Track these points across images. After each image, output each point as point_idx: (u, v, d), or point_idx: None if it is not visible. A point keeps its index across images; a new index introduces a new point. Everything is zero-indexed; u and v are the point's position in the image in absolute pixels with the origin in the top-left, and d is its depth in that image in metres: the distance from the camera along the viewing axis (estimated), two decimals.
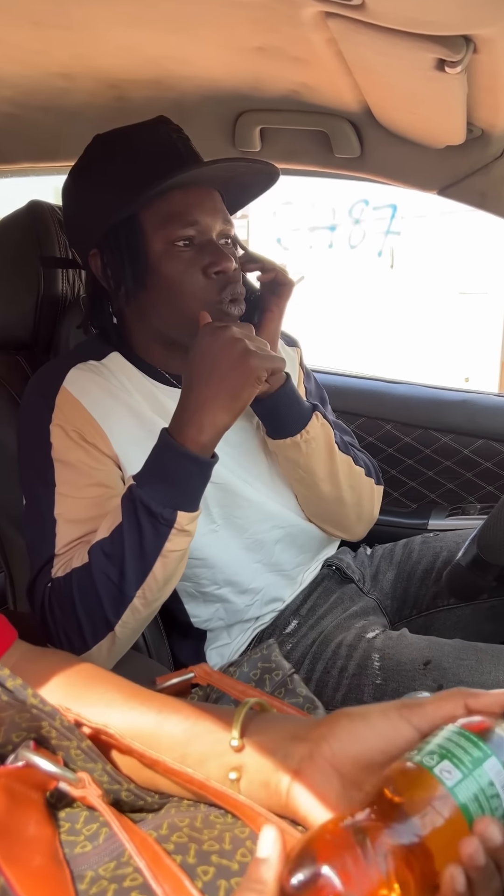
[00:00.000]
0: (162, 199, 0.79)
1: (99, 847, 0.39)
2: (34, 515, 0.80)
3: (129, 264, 0.80)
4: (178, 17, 0.77)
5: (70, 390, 0.82)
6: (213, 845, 0.38)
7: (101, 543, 0.73)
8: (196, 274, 0.80)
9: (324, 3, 0.62)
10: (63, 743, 0.42)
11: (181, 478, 0.72)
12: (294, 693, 0.56)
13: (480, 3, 0.54)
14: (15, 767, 0.40)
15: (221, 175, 0.82)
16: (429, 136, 0.97)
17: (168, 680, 0.55)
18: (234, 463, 0.91)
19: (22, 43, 0.88)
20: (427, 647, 0.86)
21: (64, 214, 0.89)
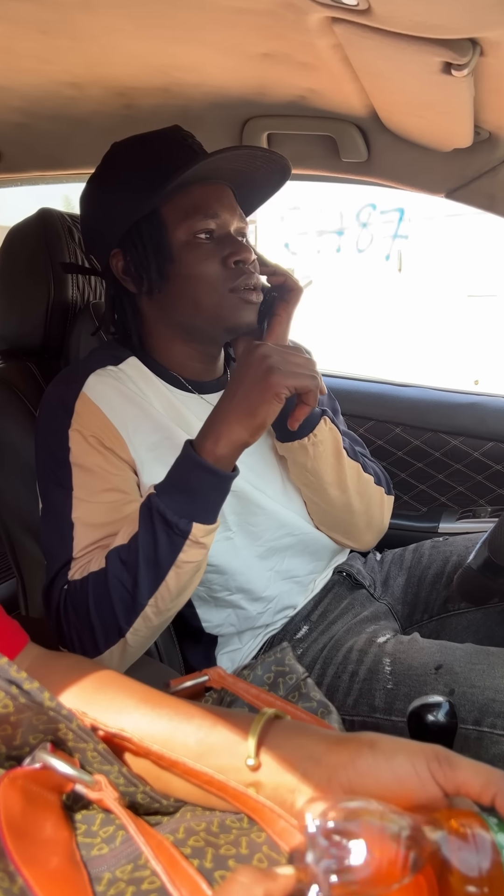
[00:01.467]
0: (182, 193, 0.82)
1: (116, 849, 0.39)
2: (51, 519, 0.80)
3: (154, 257, 0.83)
4: (184, 24, 0.77)
5: (89, 395, 0.83)
6: (230, 850, 0.38)
7: (118, 549, 0.73)
8: (215, 264, 0.82)
9: (330, 8, 0.62)
10: (80, 745, 0.42)
11: (198, 489, 0.72)
12: (308, 697, 0.56)
13: (486, 7, 0.54)
14: (32, 769, 0.40)
15: (238, 168, 0.85)
16: (436, 140, 0.97)
17: (181, 683, 0.55)
18: (248, 470, 0.91)
19: (31, 52, 0.89)
20: (438, 651, 0.86)
21: (83, 222, 0.91)
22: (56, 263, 1.00)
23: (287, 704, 0.51)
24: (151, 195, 0.80)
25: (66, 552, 0.77)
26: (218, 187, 0.85)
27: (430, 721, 0.64)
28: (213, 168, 0.82)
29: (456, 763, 0.37)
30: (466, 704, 0.78)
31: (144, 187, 0.81)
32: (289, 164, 0.88)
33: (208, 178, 0.83)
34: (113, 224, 0.85)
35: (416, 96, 0.81)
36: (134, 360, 0.89)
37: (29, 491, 0.98)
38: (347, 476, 0.93)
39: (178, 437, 0.86)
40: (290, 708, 0.51)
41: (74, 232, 1.03)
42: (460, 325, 4.57)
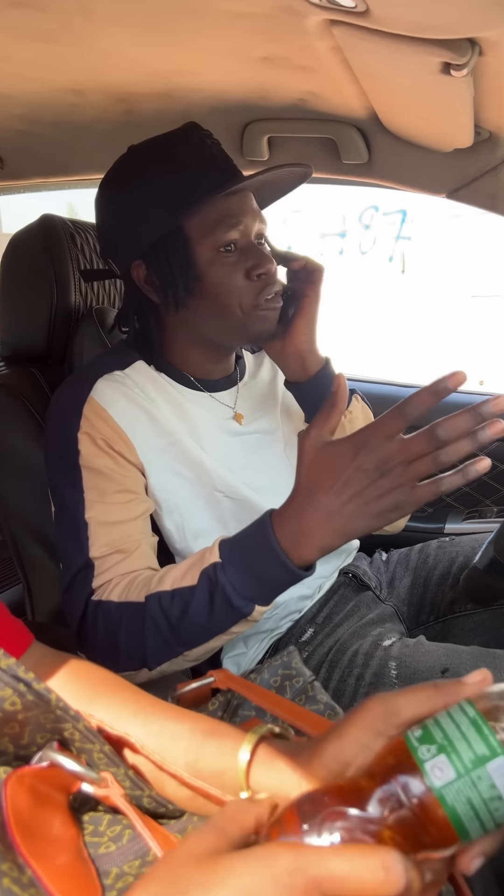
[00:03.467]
0: (205, 207, 0.81)
1: (123, 847, 0.39)
2: (65, 520, 0.80)
3: (180, 274, 0.82)
4: (183, 29, 0.77)
5: (98, 400, 0.83)
6: None
7: (159, 596, 0.71)
8: (239, 277, 0.82)
9: (328, 11, 0.62)
10: (86, 746, 0.42)
11: (271, 580, 0.68)
12: (314, 700, 0.56)
13: (484, 7, 0.54)
14: (39, 767, 0.40)
15: (262, 179, 0.84)
16: (436, 140, 0.97)
17: (188, 686, 0.55)
18: (254, 475, 0.92)
19: (31, 60, 0.90)
20: (444, 654, 0.85)
21: (100, 228, 0.90)
22: (59, 269, 1.01)
23: (294, 705, 0.51)
24: (178, 213, 0.79)
25: (83, 553, 0.77)
26: (239, 196, 0.84)
27: None
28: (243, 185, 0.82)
29: (396, 708, 0.37)
30: None
31: (169, 203, 0.80)
32: (310, 169, 0.88)
33: (232, 189, 0.82)
34: (135, 236, 0.84)
35: (416, 97, 0.81)
36: (141, 364, 0.89)
37: (34, 496, 0.98)
38: None
39: (184, 443, 0.86)
40: (298, 709, 0.50)
41: (77, 238, 1.04)
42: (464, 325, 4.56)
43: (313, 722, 0.48)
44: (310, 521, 0.64)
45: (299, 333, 0.89)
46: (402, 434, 0.59)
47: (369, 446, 0.60)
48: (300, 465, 0.65)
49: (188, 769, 0.43)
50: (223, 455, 0.89)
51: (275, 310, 0.85)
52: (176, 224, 0.81)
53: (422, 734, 0.34)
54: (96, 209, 0.90)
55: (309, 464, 0.64)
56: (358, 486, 0.61)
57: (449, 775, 0.32)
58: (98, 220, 0.90)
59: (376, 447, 0.59)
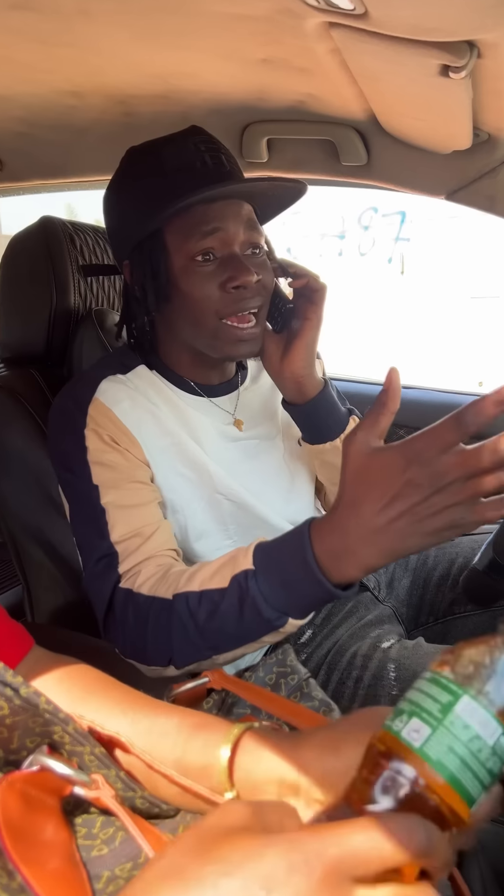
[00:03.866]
0: (184, 214, 0.79)
1: (115, 849, 0.39)
2: (81, 510, 0.79)
3: (152, 280, 0.81)
4: (182, 32, 0.78)
5: (102, 400, 0.83)
6: None
7: (187, 596, 0.68)
8: (212, 289, 0.79)
9: (326, 13, 0.62)
10: (77, 748, 0.42)
11: (306, 596, 0.63)
12: (310, 697, 0.56)
13: (483, 9, 0.54)
14: (30, 772, 0.40)
15: (245, 191, 0.82)
16: (435, 142, 0.97)
17: (184, 685, 0.55)
18: (256, 476, 0.92)
19: (31, 62, 0.90)
20: None
21: (105, 224, 0.91)
22: (58, 271, 1.01)
23: (288, 702, 0.51)
24: (152, 218, 0.79)
25: (105, 539, 0.76)
26: (223, 203, 0.80)
27: None
28: (219, 195, 0.79)
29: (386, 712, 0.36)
30: None
31: (149, 206, 0.79)
32: (303, 186, 0.85)
33: (214, 198, 0.79)
34: (123, 236, 0.85)
35: (415, 99, 0.81)
36: (142, 369, 0.89)
37: (34, 498, 0.98)
38: None
39: (185, 444, 0.86)
40: (292, 705, 0.50)
41: (76, 239, 1.04)
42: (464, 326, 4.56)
43: (308, 718, 0.48)
44: (353, 538, 0.58)
45: (297, 358, 0.86)
46: (461, 445, 0.53)
47: (422, 458, 0.53)
48: (344, 474, 0.59)
49: (176, 766, 0.43)
50: (223, 459, 0.89)
51: (243, 339, 0.81)
52: (151, 228, 0.80)
53: (393, 713, 0.35)
54: (103, 205, 0.91)
55: (354, 473, 0.58)
56: (409, 503, 0.54)
57: (424, 732, 0.32)
58: (104, 217, 0.91)
59: (430, 460, 0.53)
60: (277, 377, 0.90)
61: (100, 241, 1.08)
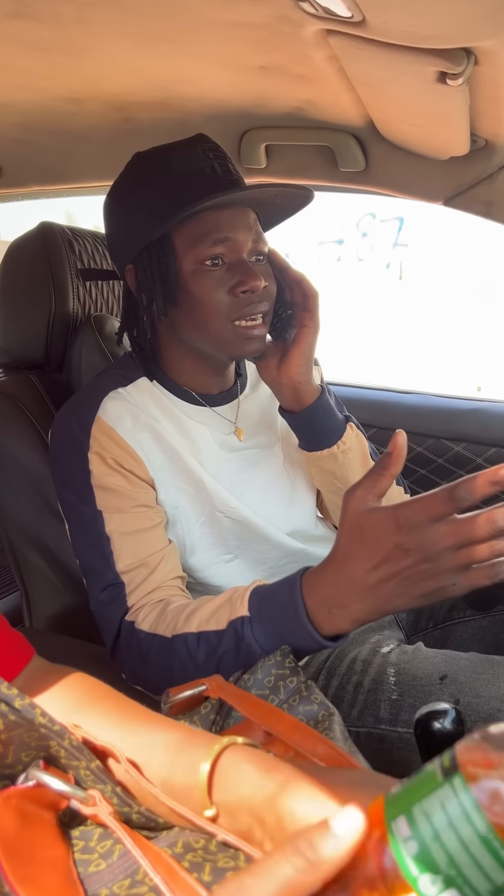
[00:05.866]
0: (194, 219, 0.80)
1: (113, 864, 0.38)
2: (85, 536, 0.80)
3: (161, 283, 0.82)
4: (181, 39, 0.78)
5: (105, 419, 0.83)
6: (229, 863, 0.38)
7: (186, 637, 0.70)
8: (222, 293, 0.80)
9: (324, 21, 0.63)
10: (72, 763, 0.42)
11: (298, 644, 0.65)
12: (308, 700, 0.55)
13: (480, 17, 0.54)
14: (26, 787, 0.40)
15: (254, 197, 0.83)
16: (433, 148, 0.97)
17: (181, 692, 0.55)
18: (254, 493, 0.92)
19: (30, 69, 0.90)
20: (443, 661, 0.85)
21: (105, 230, 0.91)
22: (57, 276, 1.01)
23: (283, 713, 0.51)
24: (162, 221, 0.79)
25: (110, 568, 0.77)
26: (232, 211, 0.81)
27: (436, 728, 0.63)
28: (228, 199, 0.80)
29: None
30: (472, 714, 0.77)
31: (157, 212, 0.80)
32: (310, 193, 0.86)
33: (222, 205, 0.80)
34: (127, 241, 0.85)
35: (412, 106, 0.81)
36: (143, 381, 0.89)
37: (32, 504, 0.98)
38: None
39: (185, 460, 0.86)
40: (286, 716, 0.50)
41: (75, 245, 1.04)
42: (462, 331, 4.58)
43: (303, 733, 0.48)
44: (344, 593, 0.59)
45: (295, 365, 0.86)
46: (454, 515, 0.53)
47: (413, 525, 0.54)
48: (341, 528, 0.61)
49: (163, 785, 0.42)
50: (221, 473, 0.89)
51: (254, 337, 0.82)
52: (162, 232, 0.80)
53: (418, 852, 0.25)
54: (103, 211, 0.91)
55: (349, 529, 0.59)
56: (397, 567, 0.56)
57: None
58: (104, 222, 0.91)
59: (421, 527, 0.54)
60: (275, 385, 0.90)
61: (98, 246, 1.08)
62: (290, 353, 0.86)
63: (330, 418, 0.90)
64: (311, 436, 0.90)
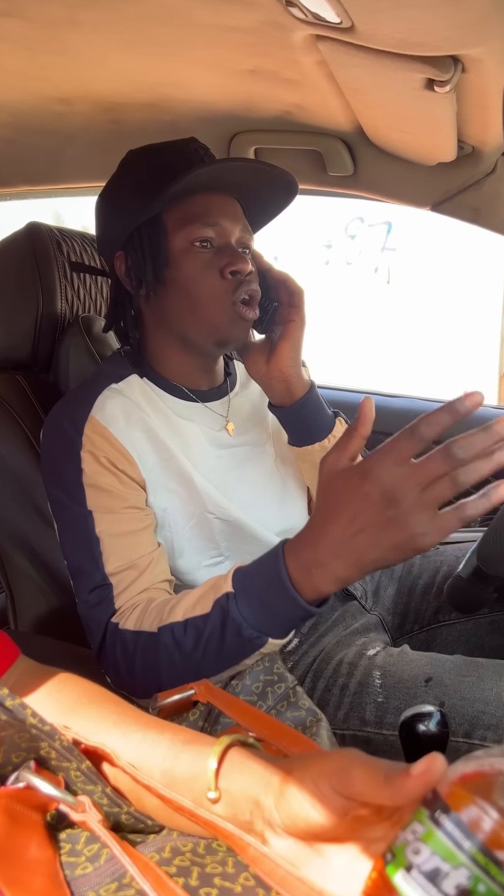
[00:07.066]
0: (185, 201, 0.82)
1: (100, 868, 0.38)
2: (74, 536, 0.79)
3: (151, 261, 0.83)
4: (171, 42, 0.78)
5: (98, 418, 0.82)
6: (217, 868, 0.38)
7: (172, 627, 0.70)
8: (213, 274, 0.82)
9: (313, 26, 0.63)
10: (63, 764, 0.41)
11: (283, 614, 0.65)
12: (296, 706, 0.55)
13: (467, 25, 0.55)
14: (16, 788, 0.39)
15: (241, 180, 0.84)
16: (420, 154, 0.98)
17: (170, 696, 0.55)
18: (245, 492, 0.91)
19: (19, 69, 0.90)
20: (428, 663, 0.85)
21: (95, 226, 0.92)
22: (45, 277, 1.01)
23: (271, 718, 0.51)
24: (153, 201, 0.81)
25: (99, 569, 0.76)
26: (221, 197, 0.84)
27: (421, 731, 0.64)
28: (217, 178, 0.82)
29: (350, 776, 0.35)
30: (456, 717, 0.77)
31: (148, 193, 0.82)
32: (294, 179, 0.87)
33: (212, 188, 0.83)
34: (118, 227, 0.86)
35: (400, 112, 0.82)
36: (134, 378, 0.89)
37: (19, 505, 0.97)
38: None
39: (176, 460, 0.85)
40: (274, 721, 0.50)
41: (63, 246, 1.04)
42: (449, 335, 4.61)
43: (291, 738, 0.48)
44: (323, 552, 0.60)
45: (285, 358, 0.88)
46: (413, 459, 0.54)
47: (375, 472, 0.55)
48: (318, 492, 0.63)
49: (163, 776, 0.42)
50: (213, 471, 0.89)
51: (245, 318, 0.83)
52: (153, 211, 0.82)
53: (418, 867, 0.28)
54: (95, 210, 0.92)
55: (323, 491, 0.61)
56: (366, 516, 0.56)
57: None
58: (95, 218, 0.92)
59: (382, 473, 0.54)
60: (265, 380, 0.91)
61: (87, 246, 1.07)
62: (279, 347, 0.88)
63: (320, 412, 0.91)
64: (302, 430, 0.91)
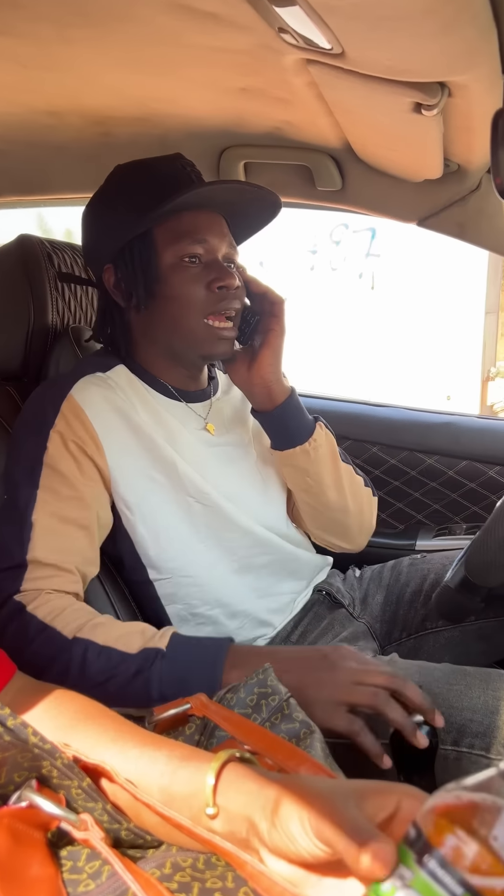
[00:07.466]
0: (175, 218, 0.86)
1: (102, 885, 0.39)
2: (12, 512, 0.80)
3: (142, 275, 0.86)
4: (164, 61, 0.79)
5: (76, 398, 0.84)
6: (217, 882, 0.39)
7: (88, 644, 0.71)
8: (199, 288, 0.86)
9: (305, 51, 0.64)
10: (64, 782, 0.42)
11: (194, 688, 0.65)
12: (290, 718, 0.56)
13: (455, 55, 0.57)
14: (18, 808, 0.40)
15: (229, 199, 0.88)
16: (408, 171, 1.00)
17: (165, 711, 0.55)
18: (228, 481, 0.93)
19: (8, 84, 0.91)
20: (417, 672, 0.86)
21: (82, 235, 0.94)
22: (36, 288, 1.01)
23: (266, 732, 0.52)
24: (144, 217, 0.84)
25: (22, 552, 0.77)
26: (209, 215, 0.88)
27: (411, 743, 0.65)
28: (207, 198, 0.86)
29: (323, 825, 0.35)
30: (445, 725, 0.78)
31: (140, 209, 0.84)
32: (278, 199, 0.91)
33: (201, 206, 0.87)
34: (108, 240, 0.89)
35: (388, 131, 0.83)
36: (122, 369, 0.91)
37: None
38: (343, 477, 0.97)
39: (159, 447, 0.88)
40: (269, 734, 0.51)
41: (54, 258, 1.04)
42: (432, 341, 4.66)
43: (286, 752, 0.49)
44: (264, 657, 0.67)
45: (266, 364, 0.91)
46: None
47: (339, 651, 0.71)
48: None
49: (161, 793, 0.43)
50: (196, 461, 0.91)
51: (225, 338, 0.88)
52: (144, 227, 0.85)
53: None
54: (82, 221, 0.94)
55: None
56: (310, 656, 0.70)
57: None
58: (82, 231, 0.95)
59: (344, 655, 0.71)
60: (247, 386, 0.94)
61: (77, 258, 1.08)
62: (261, 355, 0.91)
63: (301, 415, 0.94)
64: (284, 433, 0.94)
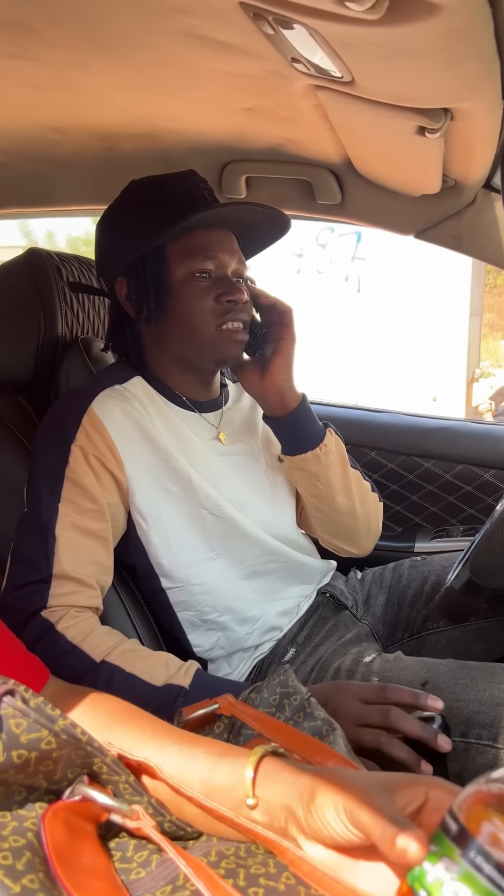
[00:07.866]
0: (187, 235, 0.89)
1: (153, 873, 0.41)
2: (34, 525, 0.83)
3: (153, 290, 0.89)
4: (173, 83, 0.82)
5: (97, 412, 0.87)
6: (260, 868, 0.41)
7: (115, 670, 0.74)
8: (209, 301, 0.89)
9: (315, 78, 0.67)
10: (112, 778, 0.44)
11: None
12: (312, 716, 0.59)
13: (461, 84, 0.60)
14: (72, 801, 0.42)
15: (240, 218, 0.92)
16: (406, 186, 1.03)
17: (194, 711, 0.58)
18: (238, 494, 0.96)
19: (19, 104, 0.93)
20: (423, 668, 0.89)
21: (96, 246, 0.97)
22: (46, 301, 1.03)
23: (292, 729, 0.54)
24: (158, 234, 0.87)
25: (47, 565, 0.80)
26: (221, 232, 0.91)
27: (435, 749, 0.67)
28: (220, 216, 0.89)
29: (358, 812, 0.38)
30: (453, 718, 0.81)
31: (153, 226, 0.87)
32: (287, 219, 0.95)
33: (213, 223, 0.90)
34: (122, 254, 0.92)
35: (390, 151, 0.87)
36: (139, 380, 0.94)
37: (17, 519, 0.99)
38: (352, 482, 1.01)
39: (174, 459, 0.91)
40: (296, 731, 0.54)
41: (62, 271, 1.06)
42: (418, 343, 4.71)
43: (313, 748, 0.51)
44: None
45: (279, 371, 0.95)
46: None
47: (347, 687, 0.76)
48: None
49: (202, 787, 0.45)
50: (210, 473, 0.94)
51: (237, 340, 0.91)
52: (159, 242, 0.88)
53: None
54: (96, 234, 0.97)
55: None
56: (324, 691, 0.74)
57: None
58: (96, 243, 0.98)
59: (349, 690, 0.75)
60: (260, 393, 0.97)
61: (85, 271, 1.10)
62: (273, 363, 0.95)
63: (312, 421, 0.98)
64: (296, 439, 0.97)
